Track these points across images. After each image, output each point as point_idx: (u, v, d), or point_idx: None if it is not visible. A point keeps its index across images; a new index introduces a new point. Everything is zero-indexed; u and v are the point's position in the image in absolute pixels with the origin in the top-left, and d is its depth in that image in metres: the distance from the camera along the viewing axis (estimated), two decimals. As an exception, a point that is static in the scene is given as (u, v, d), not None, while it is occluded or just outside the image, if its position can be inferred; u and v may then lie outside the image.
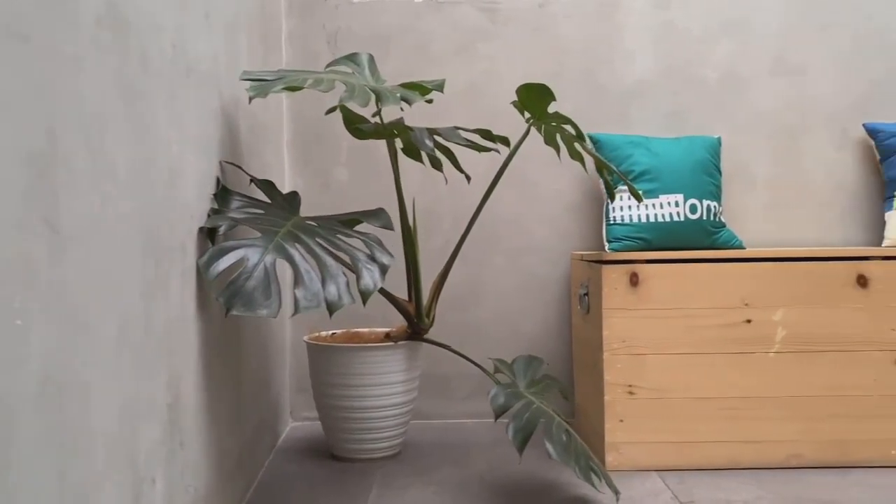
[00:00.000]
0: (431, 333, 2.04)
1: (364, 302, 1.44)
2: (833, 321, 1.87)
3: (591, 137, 2.28)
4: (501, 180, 2.34)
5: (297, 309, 1.34)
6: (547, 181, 2.40)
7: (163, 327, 1.14)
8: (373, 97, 1.55)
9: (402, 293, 1.97)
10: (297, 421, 2.39)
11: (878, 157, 2.31)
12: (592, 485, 1.51)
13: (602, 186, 2.19)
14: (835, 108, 2.39)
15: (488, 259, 2.40)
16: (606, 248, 2.17)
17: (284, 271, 2.02)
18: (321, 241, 1.48)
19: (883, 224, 2.25)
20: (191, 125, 1.33)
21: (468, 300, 2.40)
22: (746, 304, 1.87)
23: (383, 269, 1.50)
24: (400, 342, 1.93)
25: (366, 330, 2.19)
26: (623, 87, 2.40)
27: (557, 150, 1.96)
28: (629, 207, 2.16)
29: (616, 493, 1.55)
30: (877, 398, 1.87)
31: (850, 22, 2.39)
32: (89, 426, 0.88)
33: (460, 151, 1.97)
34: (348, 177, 2.39)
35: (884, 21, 2.39)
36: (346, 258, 1.49)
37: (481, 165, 2.22)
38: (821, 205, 2.38)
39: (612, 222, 2.19)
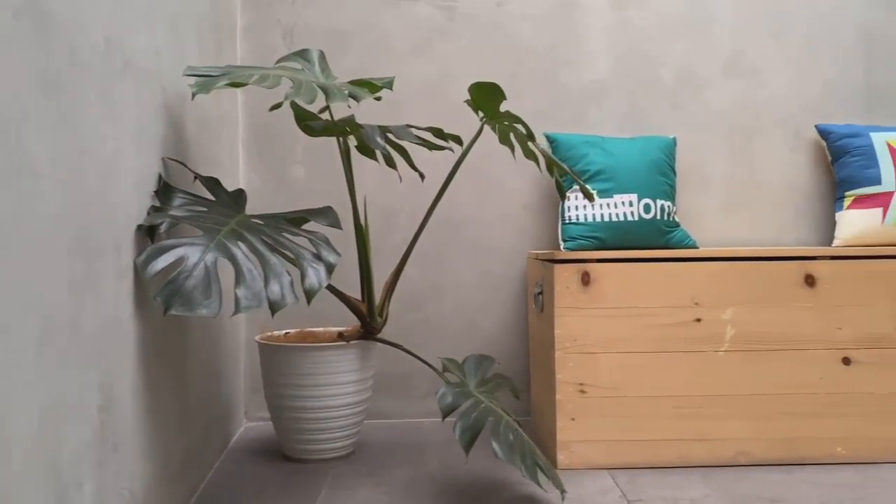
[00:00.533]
0: (388, 332, 2.03)
1: (309, 301, 1.42)
2: (781, 320, 1.89)
3: (547, 137, 2.28)
4: (460, 179, 2.35)
5: (237, 308, 1.32)
6: (506, 180, 2.39)
7: (93, 328, 1.12)
8: (320, 94, 1.53)
9: (357, 292, 1.96)
10: (252, 421, 2.36)
11: (829, 158, 2.34)
12: (538, 484, 1.51)
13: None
14: (788, 110, 2.42)
15: (447, 257, 2.39)
16: (562, 247, 2.18)
17: (231, 270, 1.99)
18: (266, 240, 1.46)
19: (834, 224, 2.28)
20: (128, 121, 1.31)
21: (426, 298, 2.39)
22: (696, 304, 1.88)
23: (329, 268, 1.48)
24: (352, 342, 1.92)
25: (320, 329, 2.17)
26: (581, 87, 2.41)
27: (512, 148, 1.95)
28: (584, 207, 2.17)
29: (562, 491, 1.55)
30: (823, 396, 1.89)
31: (803, 24, 2.42)
32: (4, 428, 0.86)
33: (420, 150, 1.96)
34: (305, 174, 2.37)
35: (836, 23, 2.42)
36: (292, 257, 1.48)
37: (440, 164, 2.21)
38: (774, 205, 2.41)
39: (567, 221, 2.19)
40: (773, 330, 1.89)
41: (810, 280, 1.89)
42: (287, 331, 2.14)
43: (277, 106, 1.57)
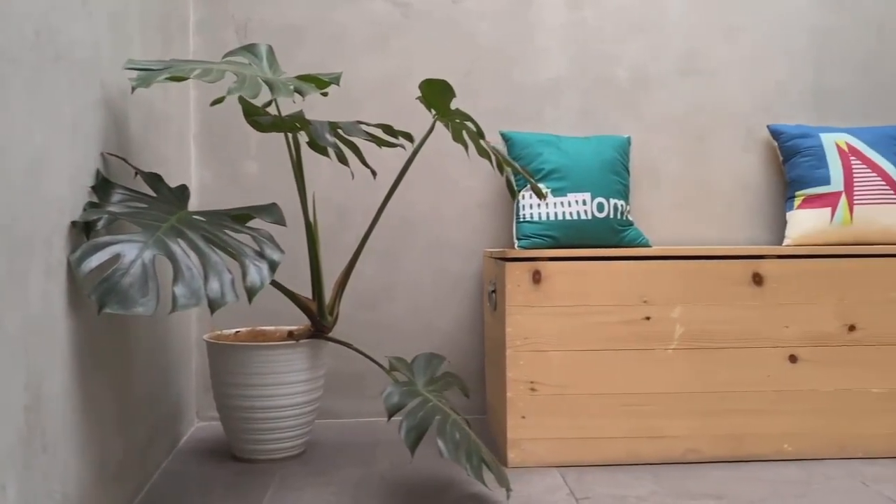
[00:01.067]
0: (343, 331, 2.02)
1: (250, 299, 1.40)
2: (729, 318, 1.91)
3: (503, 135, 2.28)
4: (416, 177, 2.34)
5: (174, 306, 1.29)
6: (462, 178, 2.39)
7: (18, 326, 1.09)
8: (265, 88, 1.51)
9: (309, 290, 1.94)
10: (204, 421, 2.33)
11: (780, 158, 2.37)
12: (484, 483, 1.50)
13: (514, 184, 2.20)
14: (741, 110, 2.44)
15: (403, 256, 2.38)
16: (516, 245, 2.18)
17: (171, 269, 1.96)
18: (207, 237, 1.44)
19: (785, 223, 2.31)
20: (62, 114, 1.27)
21: (382, 297, 2.38)
22: (645, 302, 1.89)
23: (273, 266, 1.46)
24: (302, 341, 1.90)
25: (271, 328, 2.14)
26: (536, 85, 2.41)
27: (465, 146, 1.94)
28: (538, 206, 2.17)
29: (508, 490, 1.54)
30: (770, 394, 1.91)
31: (755, 25, 2.45)
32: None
33: (377, 148, 1.94)
34: (258, 170, 2.34)
35: (787, 25, 2.45)
36: (235, 254, 1.45)
37: (397, 161, 2.20)
38: (727, 204, 2.43)
39: (521, 220, 2.19)
40: (721, 328, 1.90)
41: (758, 279, 1.91)
42: (238, 329, 2.11)
43: (220, 100, 1.55)
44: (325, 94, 1.60)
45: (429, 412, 1.57)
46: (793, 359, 1.92)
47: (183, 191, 1.61)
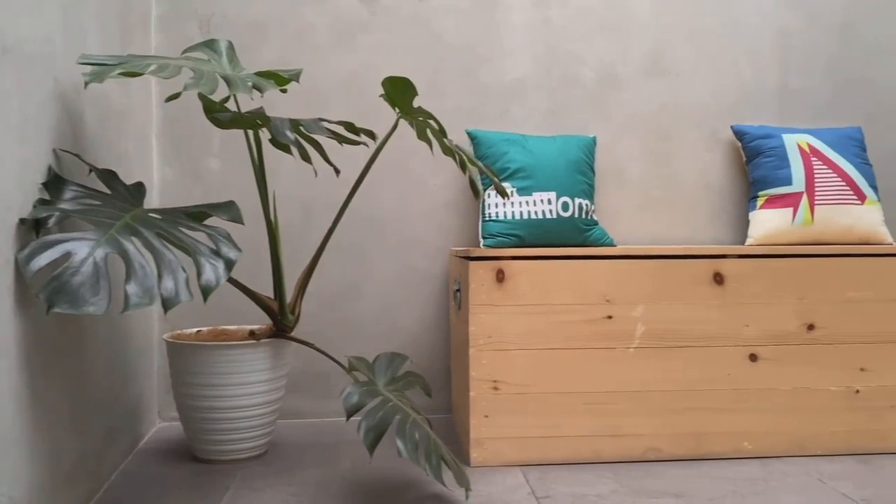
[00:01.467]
0: (308, 330, 2.00)
1: (205, 298, 1.38)
2: (690, 317, 1.92)
3: (469, 134, 2.28)
4: (383, 175, 2.33)
5: (126, 305, 1.27)
6: (429, 176, 2.38)
7: (-40, 326, 1.06)
8: (222, 84, 1.49)
9: (271, 290, 1.92)
10: (166, 421, 2.30)
11: (744, 158, 2.39)
12: (443, 483, 1.50)
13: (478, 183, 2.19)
14: (705, 110, 2.46)
15: (369, 254, 2.37)
16: (481, 244, 2.17)
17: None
18: (162, 235, 1.42)
19: (748, 223, 2.33)
20: (9, 109, 1.25)
21: (347, 296, 2.36)
22: (608, 301, 1.90)
23: (229, 264, 1.44)
24: (263, 340, 1.88)
25: (234, 327, 2.12)
26: (503, 85, 2.41)
27: (430, 144, 1.94)
28: (503, 204, 2.17)
29: (467, 490, 1.54)
30: (731, 392, 1.93)
31: (720, 26, 2.47)
32: None
33: (345, 146, 1.93)
34: (221, 167, 2.31)
35: (752, 27, 2.47)
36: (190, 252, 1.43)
37: (363, 159, 2.19)
38: (691, 204, 2.45)
39: (486, 219, 2.19)
40: (683, 327, 1.92)
41: (719, 278, 1.93)
42: (199, 329, 2.09)
43: (175, 96, 1.52)
44: (284, 91, 1.58)
45: (388, 412, 1.56)
46: (753, 358, 1.93)
47: (139, 188, 1.58)
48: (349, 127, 1.76)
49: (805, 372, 1.94)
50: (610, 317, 1.90)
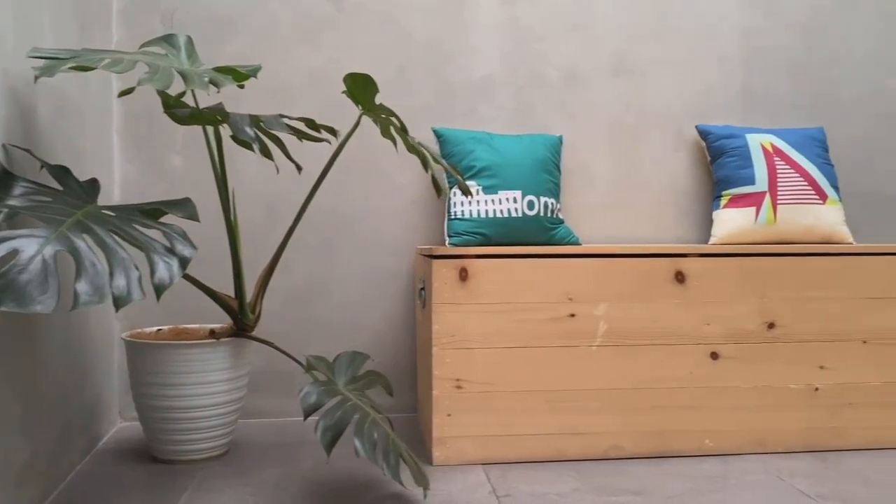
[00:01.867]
0: (272, 328, 1.98)
1: (158, 296, 1.36)
2: (652, 316, 1.93)
3: (435, 132, 2.27)
4: (349, 173, 2.32)
5: (75, 303, 1.25)
6: (395, 174, 2.37)
7: None
8: (180, 79, 1.47)
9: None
10: (127, 421, 2.27)
11: (708, 158, 2.40)
12: (401, 483, 1.49)
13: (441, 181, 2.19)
14: (671, 110, 2.47)
15: (335, 252, 2.35)
16: (447, 242, 2.17)
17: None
18: (115, 232, 1.39)
19: (712, 222, 2.35)
20: (-46, 103, 1.22)
21: (313, 295, 2.34)
22: (571, 299, 1.90)
23: (184, 262, 1.42)
24: (223, 339, 1.86)
25: (195, 326, 2.10)
26: (470, 83, 2.40)
27: (394, 142, 1.93)
28: (469, 203, 2.17)
29: (425, 489, 1.53)
30: (692, 390, 1.94)
31: (686, 27, 2.48)
32: None
33: (311, 142, 1.91)
34: (184, 164, 2.28)
35: (717, 28, 2.49)
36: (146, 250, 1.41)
37: (327, 156, 2.18)
38: (656, 203, 2.46)
39: (452, 217, 2.18)
40: (645, 325, 1.92)
41: (680, 277, 1.94)
42: (160, 328, 2.06)
43: (129, 91, 1.50)
44: (241, 87, 1.57)
45: (347, 411, 1.55)
46: (714, 356, 1.95)
47: (93, 185, 1.55)
48: (310, 123, 1.74)
49: (766, 370, 1.96)
50: (573, 315, 1.90)
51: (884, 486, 1.73)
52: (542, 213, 2.18)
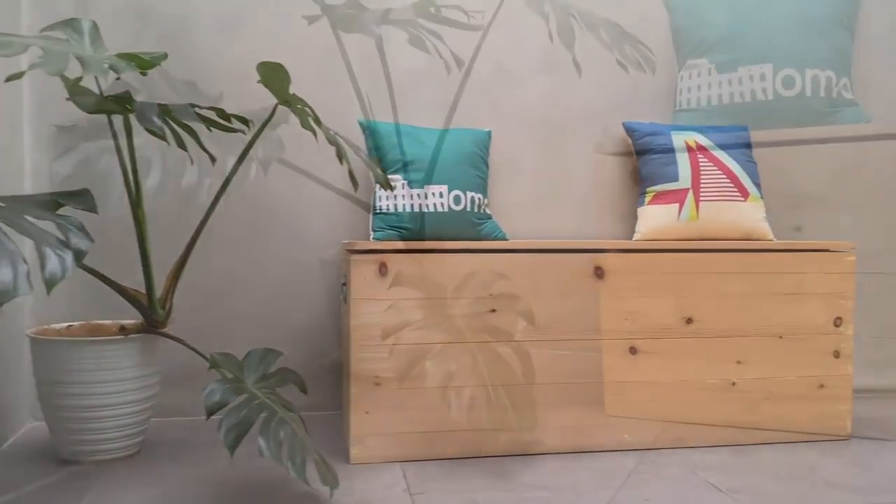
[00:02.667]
0: (190, 324, 1.93)
1: (48, 290, 1.31)
2: (572, 310, 1.93)
3: (361, 125, 2.24)
4: (275, 165, 2.26)
5: (-48, 299, 1.19)
6: (322, 167, 2.32)
7: None
8: (73, 64, 1.41)
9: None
10: (39, 420, 2.18)
11: (634, 154, 2.42)
12: (307, 483, 1.46)
13: (370, 175, 2.16)
14: (598, 107, 2.48)
15: (257, 246, 2.30)
16: (371, 237, 2.14)
17: None
18: (3, 223, 1.33)
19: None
20: None
21: (233, 290, 2.29)
22: (491, 295, 1.89)
23: (79, 255, 1.37)
24: (133, 335, 1.80)
25: (108, 322, 2.03)
26: (397, 76, 2.37)
27: (314, 133, 1.88)
28: (395, 197, 2.14)
29: (331, 489, 1.50)
30: (611, 385, 1.94)
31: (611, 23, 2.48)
32: None
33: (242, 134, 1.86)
34: (98, 154, 2.20)
35: (644, 24, 2.50)
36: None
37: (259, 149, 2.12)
38: (583, 199, 2.47)
39: (377, 211, 2.15)
40: (565, 320, 1.92)
41: (600, 272, 1.94)
42: (70, 324, 1.99)
43: (17, 76, 1.44)
44: (144, 74, 1.51)
45: (253, 410, 1.51)
46: (633, 351, 1.96)
47: (-16, 174, 1.49)
48: (220, 113, 1.69)
49: (684, 365, 1.98)
50: (493, 310, 1.89)
51: (793, 478, 1.76)
52: (468, 208, 2.16)
